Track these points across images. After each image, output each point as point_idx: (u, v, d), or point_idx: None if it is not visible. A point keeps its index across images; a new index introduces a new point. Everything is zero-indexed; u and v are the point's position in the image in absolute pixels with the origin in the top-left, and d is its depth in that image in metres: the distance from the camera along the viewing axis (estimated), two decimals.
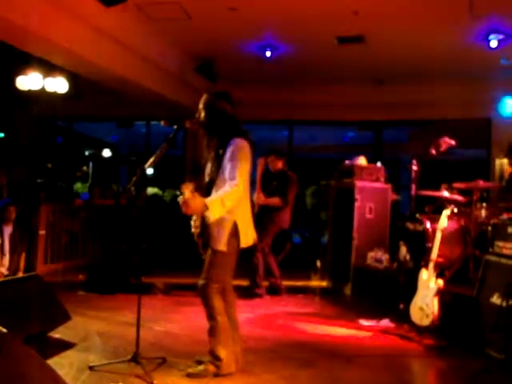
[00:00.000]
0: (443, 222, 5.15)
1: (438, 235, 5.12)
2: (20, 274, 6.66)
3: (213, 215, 3.62)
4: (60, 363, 3.93)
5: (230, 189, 3.66)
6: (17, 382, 2.63)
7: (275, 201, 6.80)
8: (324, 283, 7.76)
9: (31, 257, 7.64)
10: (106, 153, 16.98)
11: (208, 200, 3.63)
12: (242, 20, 7.51)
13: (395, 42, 8.19)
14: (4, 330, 2.62)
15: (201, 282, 3.89)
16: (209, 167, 3.99)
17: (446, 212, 5.22)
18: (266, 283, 6.96)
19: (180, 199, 3.57)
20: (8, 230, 6.81)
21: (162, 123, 3.93)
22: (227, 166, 3.78)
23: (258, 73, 10.14)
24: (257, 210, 6.60)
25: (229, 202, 3.64)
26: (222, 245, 3.80)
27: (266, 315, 5.95)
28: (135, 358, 3.91)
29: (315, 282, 7.83)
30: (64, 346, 4.46)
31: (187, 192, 3.54)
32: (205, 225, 3.85)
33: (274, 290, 6.97)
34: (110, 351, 4.36)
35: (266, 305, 6.48)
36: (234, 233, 3.81)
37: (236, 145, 3.80)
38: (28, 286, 4.69)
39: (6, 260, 6.78)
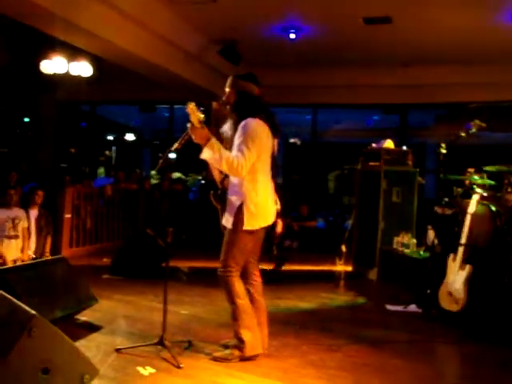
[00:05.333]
0: (473, 206, 5.05)
1: (468, 219, 5.02)
2: (46, 257, 6.72)
3: (205, 153, 3.69)
4: (87, 346, 3.95)
5: (236, 161, 3.64)
6: (46, 363, 2.64)
7: None
8: (349, 268, 7.71)
9: (57, 240, 7.70)
10: (130, 137, 17.03)
11: (214, 141, 3.68)
12: (266, 1, 7.39)
13: (423, 23, 7.99)
14: (33, 312, 2.62)
15: (219, 266, 3.87)
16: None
17: (476, 196, 5.12)
18: None
19: (189, 124, 3.69)
20: (34, 214, 6.88)
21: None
22: (235, 144, 3.76)
23: (282, 55, 10.03)
24: None
25: (225, 165, 3.66)
26: (230, 223, 3.81)
27: (291, 299, 5.92)
28: (161, 342, 3.92)
29: (340, 267, 7.78)
30: (91, 328, 4.49)
31: (195, 119, 3.65)
32: (225, 190, 3.93)
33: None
34: (137, 334, 4.37)
35: (289, 289, 6.45)
36: (240, 214, 3.77)
37: (244, 124, 3.75)
38: (55, 269, 4.71)
39: (33, 243, 6.85)
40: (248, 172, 3.72)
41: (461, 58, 9.56)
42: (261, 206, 3.81)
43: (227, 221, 3.85)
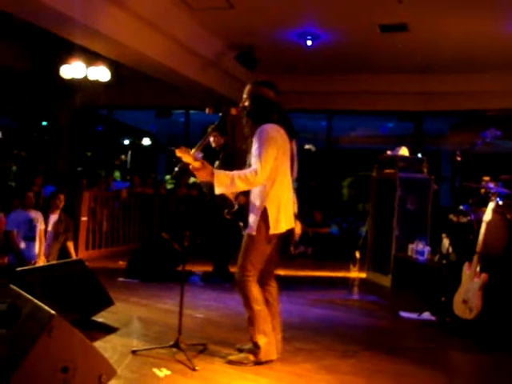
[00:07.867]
0: (488, 214, 5.04)
1: (483, 228, 5.01)
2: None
3: (218, 188, 3.62)
4: (103, 347, 3.98)
5: (248, 173, 3.65)
6: (65, 362, 2.70)
7: None
8: (363, 275, 7.71)
9: (73, 243, 7.76)
10: (146, 141, 17.15)
11: (216, 172, 3.64)
12: (283, 8, 7.45)
13: (440, 31, 8.01)
14: (53, 312, 2.67)
15: (236, 271, 3.90)
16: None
17: (492, 204, 5.11)
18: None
19: (190, 166, 3.62)
20: (54, 218, 6.93)
21: (208, 111, 3.92)
22: (253, 151, 3.77)
23: (298, 62, 10.08)
24: None
25: (240, 184, 3.62)
26: (251, 229, 3.81)
27: (304, 305, 5.94)
28: (177, 344, 3.95)
29: (354, 274, 7.78)
30: (107, 330, 4.53)
31: (190, 159, 3.55)
32: (242, 206, 3.90)
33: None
34: (152, 337, 4.41)
35: (303, 294, 6.47)
36: (264, 218, 3.76)
37: (260, 130, 3.76)
38: (72, 271, 4.78)
39: (47, 246, 6.91)
40: (269, 176, 3.72)
41: (478, 65, 9.54)
42: (284, 208, 3.83)
43: (249, 226, 3.83)
